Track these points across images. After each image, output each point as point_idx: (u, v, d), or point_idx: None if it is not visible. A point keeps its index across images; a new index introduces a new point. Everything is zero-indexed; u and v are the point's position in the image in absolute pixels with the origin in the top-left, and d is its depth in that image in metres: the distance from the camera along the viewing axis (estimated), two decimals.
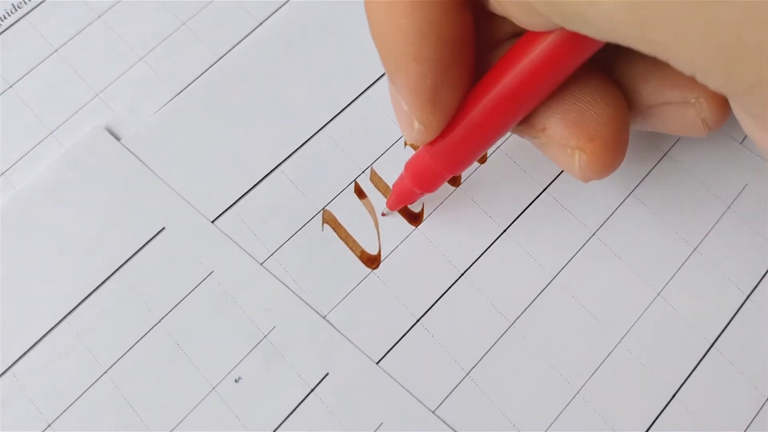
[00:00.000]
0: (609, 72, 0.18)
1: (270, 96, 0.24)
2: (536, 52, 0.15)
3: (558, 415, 0.20)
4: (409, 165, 0.20)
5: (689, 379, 0.20)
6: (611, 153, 0.17)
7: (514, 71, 0.16)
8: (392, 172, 0.23)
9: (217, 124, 0.23)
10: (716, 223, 0.22)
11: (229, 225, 0.22)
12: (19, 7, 0.25)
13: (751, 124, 0.14)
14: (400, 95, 0.17)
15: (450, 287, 0.21)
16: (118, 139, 0.23)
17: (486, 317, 0.21)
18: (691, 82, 0.17)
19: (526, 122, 0.18)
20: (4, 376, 0.20)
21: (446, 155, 0.18)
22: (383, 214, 0.22)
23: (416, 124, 0.17)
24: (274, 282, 0.21)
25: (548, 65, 0.16)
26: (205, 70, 0.24)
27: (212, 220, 0.22)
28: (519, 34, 0.17)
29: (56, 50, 0.25)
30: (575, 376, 0.20)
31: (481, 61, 0.18)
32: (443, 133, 0.18)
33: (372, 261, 0.21)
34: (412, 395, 0.20)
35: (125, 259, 0.21)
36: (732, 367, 0.20)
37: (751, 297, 0.21)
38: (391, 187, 0.22)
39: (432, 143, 0.18)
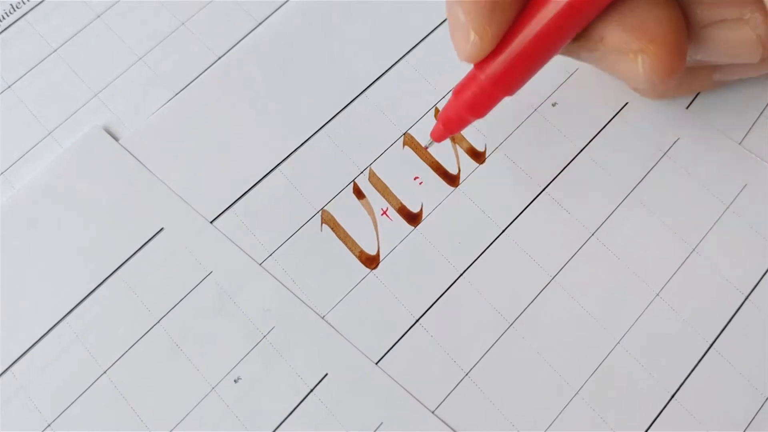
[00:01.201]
0: None
1: (268, 96, 0.24)
2: None
3: (557, 416, 0.20)
4: (459, 89, 0.19)
5: (688, 379, 0.20)
6: (673, 54, 0.17)
7: None
8: (391, 172, 0.22)
9: (215, 124, 0.23)
10: (715, 223, 0.22)
11: (227, 225, 0.22)
12: (18, 7, 0.25)
13: None
14: (458, 4, 0.17)
15: (449, 287, 0.21)
16: (116, 139, 0.23)
17: (485, 317, 0.21)
18: None
19: (581, 36, 0.17)
20: (3, 376, 0.20)
21: (500, 74, 0.18)
22: (426, 148, 0.21)
23: (472, 36, 0.17)
24: (273, 282, 0.21)
25: None
26: (204, 71, 0.24)
27: (211, 220, 0.22)
28: None
29: (55, 50, 0.25)
30: (574, 377, 0.20)
31: None
32: (497, 51, 0.18)
33: (371, 261, 0.21)
34: (412, 395, 0.20)
35: (124, 260, 0.21)
36: (731, 367, 0.20)
37: (750, 297, 0.21)
38: (390, 188, 0.22)
39: (484, 62, 0.18)
